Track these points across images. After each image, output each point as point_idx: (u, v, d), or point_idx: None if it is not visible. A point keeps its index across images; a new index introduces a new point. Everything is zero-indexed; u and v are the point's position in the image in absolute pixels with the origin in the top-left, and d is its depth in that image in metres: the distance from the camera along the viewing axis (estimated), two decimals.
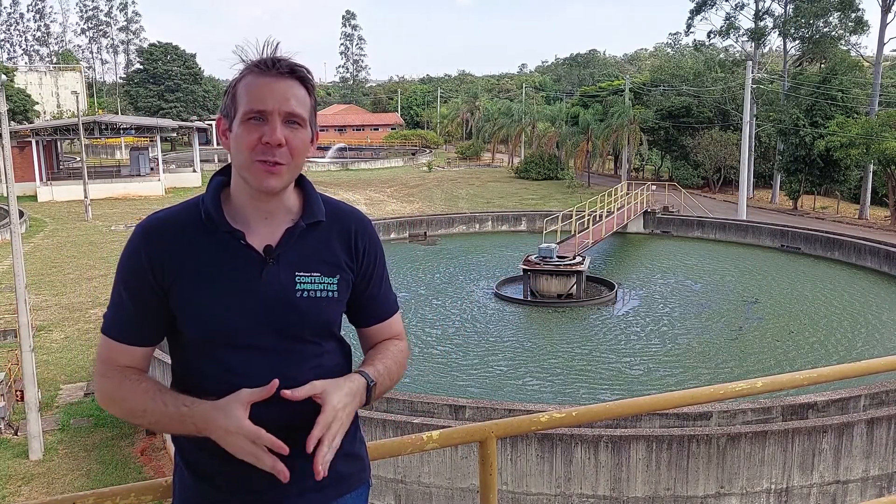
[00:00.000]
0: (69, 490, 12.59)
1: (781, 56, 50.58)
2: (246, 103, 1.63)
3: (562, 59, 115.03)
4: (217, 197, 1.71)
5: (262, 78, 1.63)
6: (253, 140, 1.62)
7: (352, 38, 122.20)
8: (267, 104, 1.61)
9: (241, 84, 1.65)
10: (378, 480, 9.80)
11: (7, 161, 15.60)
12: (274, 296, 1.66)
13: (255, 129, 1.62)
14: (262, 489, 1.68)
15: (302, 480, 1.70)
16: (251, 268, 1.66)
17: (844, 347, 15.60)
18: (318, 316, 1.70)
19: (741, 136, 35.69)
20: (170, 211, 1.72)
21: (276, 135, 1.61)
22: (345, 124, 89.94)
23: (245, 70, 1.66)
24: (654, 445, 9.47)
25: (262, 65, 1.64)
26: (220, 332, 1.65)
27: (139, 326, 1.68)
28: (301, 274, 1.69)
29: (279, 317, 1.66)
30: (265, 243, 1.68)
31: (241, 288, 1.65)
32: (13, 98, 59.05)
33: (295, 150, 1.64)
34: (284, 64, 1.64)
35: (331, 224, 1.76)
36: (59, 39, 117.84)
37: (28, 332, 14.36)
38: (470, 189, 49.75)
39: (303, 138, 1.66)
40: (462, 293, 20.57)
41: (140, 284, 1.66)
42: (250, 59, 1.66)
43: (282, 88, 1.63)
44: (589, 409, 2.29)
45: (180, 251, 1.65)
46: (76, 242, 32.73)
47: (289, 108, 1.62)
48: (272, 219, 1.70)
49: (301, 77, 1.66)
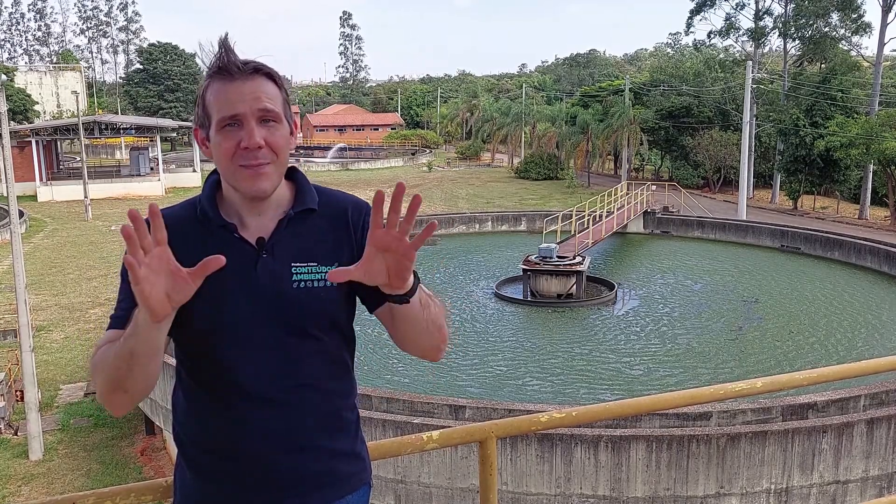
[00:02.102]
0: (69, 490, 12.59)
1: (781, 56, 50.58)
2: (218, 111, 1.61)
3: (562, 60, 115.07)
4: (212, 193, 1.71)
5: (231, 83, 1.60)
6: (231, 147, 1.61)
7: (350, 39, 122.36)
8: (237, 108, 1.59)
9: (208, 92, 1.64)
10: (378, 480, 9.79)
11: (7, 161, 15.60)
12: (270, 288, 1.64)
13: (232, 136, 1.61)
14: (262, 488, 1.68)
15: (302, 481, 1.70)
16: (245, 261, 1.65)
17: (844, 347, 15.59)
18: (317, 306, 1.67)
19: (741, 136, 35.68)
20: (168, 209, 1.71)
21: (253, 138, 1.59)
22: (345, 124, 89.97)
23: (209, 77, 1.64)
24: (654, 445, 9.47)
25: (225, 69, 1.61)
26: (218, 326, 1.64)
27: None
28: (297, 265, 1.67)
29: (277, 309, 1.64)
30: (258, 236, 1.67)
31: (236, 281, 1.64)
32: (13, 98, 59.10)
33: (277, 147, 1.63)
34: (248, 65, 1.62)
35: (326, 212, 1.73)
36: (59, 39, 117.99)
37: (28, 332, 14.36)
38: (470, 189, 49.75)
39: (282, 134, 1.64)
40: (462, 293, 20.56)
41: None
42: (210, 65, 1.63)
43: (250, 89, 1.60)
44: (589, 409, 2.29)
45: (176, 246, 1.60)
46: (76, 242, 32.73)
47: (261, 106, 1.60)
48: (264, 212, 1.69)
49: (266, 73, 1.64)
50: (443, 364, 15.08)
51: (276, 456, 1.67)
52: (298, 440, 1.68)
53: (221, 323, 1.64)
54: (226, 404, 1.66)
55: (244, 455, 1.66)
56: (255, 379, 1.63)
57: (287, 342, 1.66)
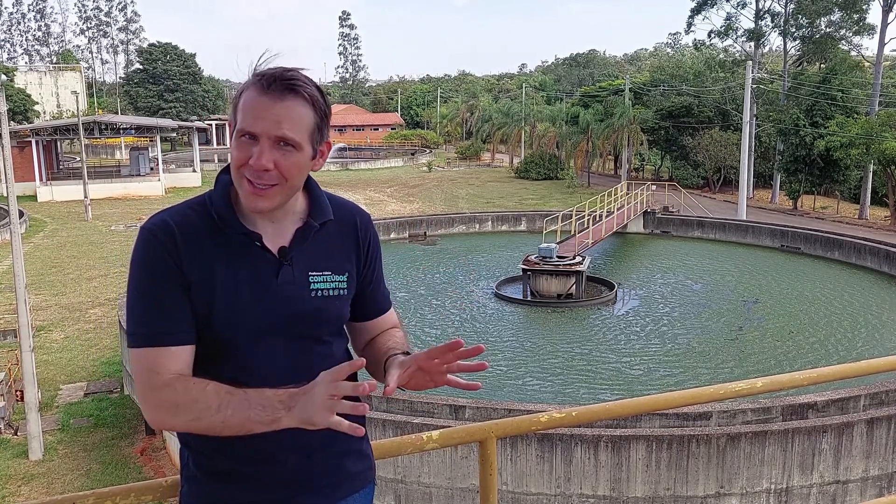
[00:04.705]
0: (69, 490, 12.59)
1: (781, 56, 50.59)
2: (241, 121, 1.60)
3: (562, 59, 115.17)
4: (227, 197, 1.68)
5: (260, 97, 1.58)
6: (242, 158, 1.60)
7: (349, 38, 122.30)
8: (256, 126, 1.58)
9: (243, 96, 1.62)
10: (378, 480, 9.73)
11: (7, 161, 15.59)
12: (291, 297, 1.67)
13: (245, 148, 1.59)
14: (273, 486, 1.69)
15: (313, 479, 1.71)
16: (268, 270, 1.66)
17: (844, 347, 15.59)
18: (331, 314, 1.73)
19: (741, 136, 35.67)
20: (177, 211, 1.68)
21: (261, 160, 1.57)
22: (345, 124, 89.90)
23: (249, 81, 1.62)
24: (654, 445, 9.47)
25: (264, 81, 1.59)
26: (240, 333, 1.64)
27: (179, 324, 1.61)
28: (314, 273, 1.70)
29: (296, 316, 1.67)
30: (279, 245, 1.68)
31: (259, 289, 1.65)
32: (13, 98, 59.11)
33: (287, 172, 1.60)
34: (282, 84, 1.58)
35: (336, 221, 1.76)
36: (59, 39, 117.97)
37: (28, 332, 14.36)
38: (470, 189, 49.75)
39: (295, 161, 1.60)
40: (462, 293, 20.56)
41: (167, 277, 1.60)
42: (257, 69, 1.62)
43: (277, 111, 1.57)
44: (589, 409, 2.29)
45: (195, 250, 1.63)
46: (76, 242, 32.72)
47: (279, 133, 1.58)
48: (281, 220, 1.70)
49: (303, 94, 1.60)
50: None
51: (287, 455, 1.69)
52: (310, 439, 1.68)
53: (243, 330, 1.64)
54: None
55: (256, 455, 1.68)
56: (270, 382, 1.63)
57: (302, 347, 1.69)
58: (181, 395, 1.56)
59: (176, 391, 1.56)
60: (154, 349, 1.59)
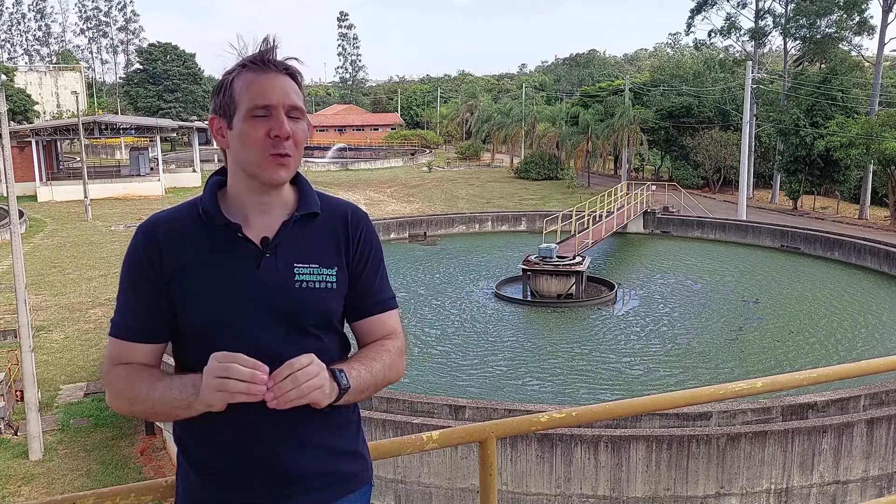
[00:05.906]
0: (69, 490, 12.59)
1: (782, 56, 50.58)
2: (249, 100, 1.67)
3: (562, 60, 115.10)
4: (214, 193, 1.75)
5: (262, 75, 1.68)
6: (261, 135, 1.67)
7: (348, 39, 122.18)
8: (272, 98, 1.67)
9: (238, 81, 1.69)
10: (378, 480, 9.79)
11: (7, 161, 15.59)
12: (272, 287, 1.68)
13: (261, 125, 1.67)
14: (266, 487, 1.69)
15: (304, 479, 1.71)
16: (249, 259, 1.69)
17: (844, 347, 15.59)
18: (318, 306, 1.72)
19: (741, 136, 35.67)
20: (169, 210, 1.77)
21: (284, 127, 1.67)
22: (344, 124, 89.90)
23: (240, 67, 1.70)
24: (654, 445, 9.47)
25: (260, 62, 1.69)
26: (219, 324, 1.65)
27: (144, 323, 1.71)
28: (299, 265, 1.71)
29: (279, 308, 1.68)
30: (262, 235, 1.71)
31: (239, 278, 1.67)
32: (13, 98, 59.09)
33: (299, 141, 1.71)
34: (273, 62, 1.70)
35: (327, 216, 1.79)
36: (59, 39, 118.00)
37: (28, 332, 14.36)
38: (470, 189, 49.75)
39: (304, 129, 1.73)
40: (462, 293, 20.56)
41: (142, 280, 1.70)
42: (245, 57, 1.71)
43: (282, 83, 1.69)
44: (589, 409, 2.29)
45: (178, 244, 1.70)
46: (76, 242, 32.72)
47: (292, 102, 1.69)
48: (269, 212, 1.73)
49: (293, 73, 1.73)
50: (442, 364, 15.08)
51: (278, 455, 1.68)
52: (300, 439, 1.69)
53: (223, 321, 1.66)
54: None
55: (247, 454, 1.67)
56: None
57: (288, 340, 1.68)
58: (122, 380, 1.69)
59: (119, 376, 1.69)
60: (116, 340, 1.72)
